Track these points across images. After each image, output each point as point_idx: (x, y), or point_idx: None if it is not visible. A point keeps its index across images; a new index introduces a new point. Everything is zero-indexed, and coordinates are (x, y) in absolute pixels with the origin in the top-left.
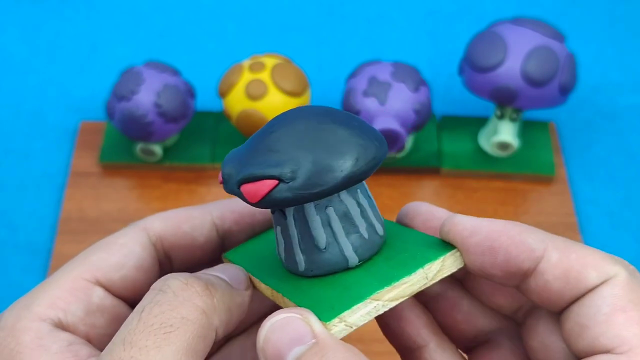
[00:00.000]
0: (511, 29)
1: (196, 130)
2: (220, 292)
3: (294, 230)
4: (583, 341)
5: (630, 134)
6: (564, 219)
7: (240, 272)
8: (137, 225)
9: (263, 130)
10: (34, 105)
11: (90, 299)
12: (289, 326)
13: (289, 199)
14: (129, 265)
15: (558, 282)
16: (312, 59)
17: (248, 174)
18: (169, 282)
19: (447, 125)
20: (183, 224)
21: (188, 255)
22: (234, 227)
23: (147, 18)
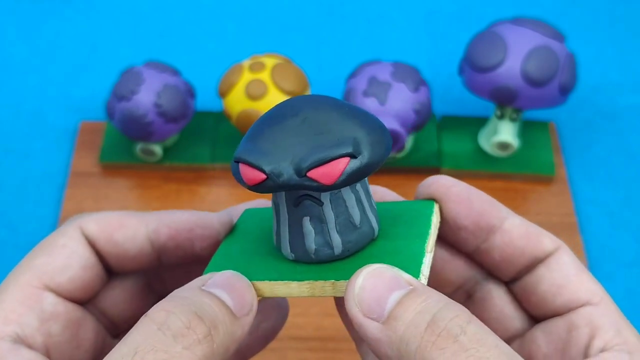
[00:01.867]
0: (511, 29)
1: (196, 130)
2: (222, 334)
3: (331, 214)
4: (562, 298)
5: (630, 134)
6: (564, 219)
7: (248, 291)
8: (74, 223)
9: (283, 116)
10: (34, 105)
11: (42, 306)
12: (384, 274)
13: (361, 173)
14: (74, 266)
15: (521, 240)
16: (312, 59)
17: (318, 159)
18: (170, 322)
19: (447, 125)
20: (115, 232)
21: (120, 264)
22: (169, 242)
23: (147, 18)
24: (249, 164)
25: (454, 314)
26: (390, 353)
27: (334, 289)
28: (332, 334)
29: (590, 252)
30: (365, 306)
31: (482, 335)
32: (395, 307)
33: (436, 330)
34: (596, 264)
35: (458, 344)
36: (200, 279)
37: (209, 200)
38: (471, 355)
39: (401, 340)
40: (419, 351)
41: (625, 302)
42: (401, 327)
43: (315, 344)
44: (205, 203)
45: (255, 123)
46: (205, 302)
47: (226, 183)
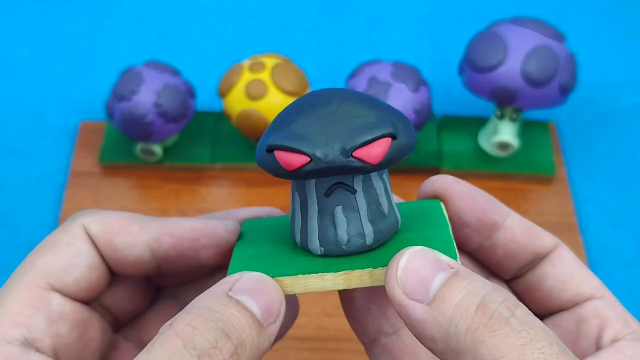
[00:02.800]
0: (511, 29)
1: (196, 130)
2: (249, 350)
3: (363, 202)
4: (567, 292)
5: (631, 134)
6: (564, 219)
7: (277, 296)
8: (77, 220)
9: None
10: (34, 105)
11: (49, 307)
12: (428, 256)
13: (401, 153)
14: (80, 265)
15: (523, 236)
16: (312, 59)
17: (364, 138)
18: (196, 340)
19: (447, 125)
20: (116, 237)
21: (120, 268)
22: (171, 252)
23: (147, 18)
24: (290, 148)
25: (503, 297)
26: (436, 335)
27: (371, 277)
28: (332, 334)
29: (590, 251)
30: (410, 287)
31: (530, 318)
32: (441, 288)
33: (487, 313)
34: (596, 264)
35: (509, 327)
36: (226, 282)
37: (209, 200)
38: (522, 337)
39: (449, 322)
40: (470, 333)
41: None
42: (449, 309)
43: (315, 344)
44: (205, 203)
45: (281, 114)
46: (233, 314)
47: (226, 183)
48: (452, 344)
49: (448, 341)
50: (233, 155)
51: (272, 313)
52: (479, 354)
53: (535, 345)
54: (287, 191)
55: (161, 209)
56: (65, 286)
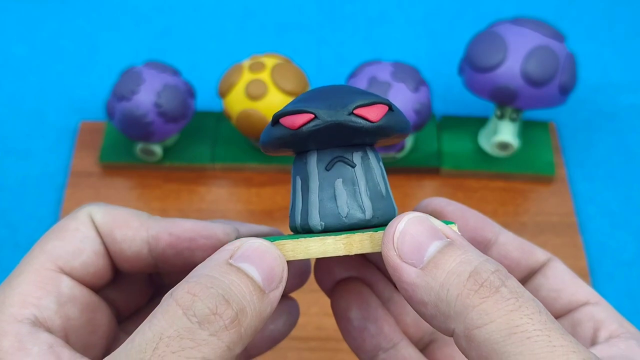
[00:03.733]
0: (511, 29)
1: (196, 130)
2: (250, 316)
3: (362, 176)
4: (562, 300)
5: (630, 134)
6: (564, 219)
7: (278, 262)
8: (84, 209)
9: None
10: (34, 105)
11: (59, 289)
12: (425, 223)
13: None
14: (87, 250)
15: (516, 252)
16: (312, 59)
17: (364, 101)
18: (196, 307)
19: (447, 125)
20: (116, 230)
21: (117, 261)
22: (168, 250)
23: (147, 18)
24: (295, 111)
25: (495, 267)
26: (427, 299)
27: (371, 241)
28: (332, 333)
29: (590, 251)
30: (405, 251)
31: (520, 289)
32: (435, 255)
33: (479, 280)
34: (596, 264)
35: (499, 294)
36: (226, 249)
37: (209, 200)
38: (511, 304)
39: (441, 287)
40: (460, 298)
41: (625, 302)
42: (442, 275)
43: (315, 343)
44: (205, 203)
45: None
46: (233, 281)
47: (226, 183)
48: (442, 308)
49: (438, 305)
50: (233, 155)
51: (274, 279)
52: (468, 318)
53: (524, 311)
54: (287, 191)
55: (161, 209)
56: (74, 269)
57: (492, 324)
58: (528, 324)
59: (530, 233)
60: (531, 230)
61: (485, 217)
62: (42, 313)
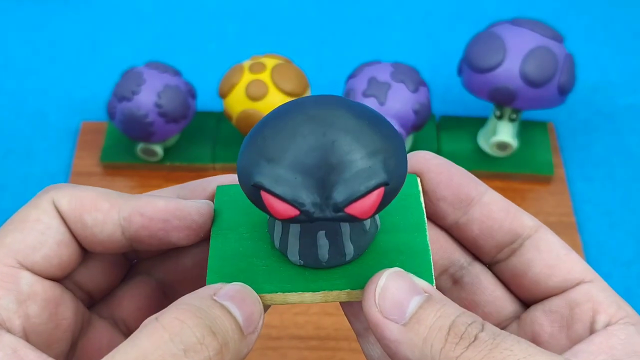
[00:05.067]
0: (510, 30)
1: (197, 131)
2: (232, 351)
3: (347, 227)
4: (556, 278)
5: (629, 134)
6: (563, 219)
7: (257, 308)
8: (47, 195)
9: (307, 133)
10: (35, 106)
11: (18, 287)
12: (405, 278)
13: (390, 199)
14: (49, 242)
15: (500, 213)
16: (312, 59)
17: (355, 195)
18: (183, 334)
19: (446, 125)
20: (86, 214)
21: (89, 245)
22: (141, 231)
23: (148, 19)
24: (279, 197)
25: (472, 319)
26: (411, 355)
27: (348, 296)
28: (332, 333)
29: (589, 251)
30: (387, 307)
31: (497, 330)
32: (417, 310)
33: (458, 333)
34: (595, 264)
35: (478, 340)
36: (210, 287)
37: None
38: (489, 344)
39: (425, 342)
40: (444, 351)
41: None
42: (424, 330)
43: (315, 343)
44: None
45: (267, 129)
46: (218, 315)
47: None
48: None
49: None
50: (233, 155)
51: (252, 323)
52: None
53: (503, 345)
54: None
55: None
56: (35, 264)
57: None
58: (510, 356)
59: None
60: None
61: (471, 175)
62: (0, 314)
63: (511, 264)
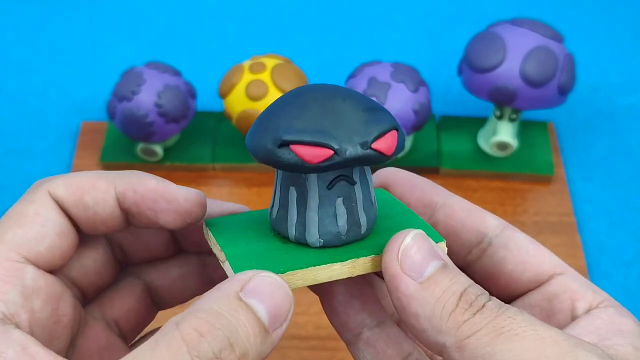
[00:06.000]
0: (510, 30)
1: (197, 131)
2: (251, 358)
3: (360, 193)
4: (529, 273)
5: (629, 134)
6: (563, 219)
7: (287, 300)
8: (41, 188)
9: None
10: (35, 106)
11: (23, 282)
12: (427, 241)
13: (403, 143)
14: (50, 234)
15: (462, 212)
16: (312, 59)
17: (379, 132)
18: (201, 348)
19: (446, 125)
20: (85, 195)
21: (91, 227)
22: (133, 208)
23: (148, 19)
24: (314, 143)
25: (481, 291)
26: (421, 312)
27: (373, 264)
28: (332, 333)
29: (589, 251)
30: (408, 264)
31: (502, 303)
32: (435, 272)
33: (469, 300)
34: (595, 264)
35: (485, 308)
36: (238, 279)
37: None
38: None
39: (437, 302)
40: (453, 314)
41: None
42: (439, 292)
43: (315, 342)
44: None
45: (277, 108)
46: (240, 320)
47: (226, 183)
48: (435, 322)
49: (432, 320)
50: (233, 155)
51: (280, 318)
52: (459, 330)
53: (507, 314)
54: None
55: None
56: (39, 256)
57: (481, 330)
58: (512, 323)
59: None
60: (530, 230)
61: (435, 184)
62: (9, 309)
63: (483, 265)
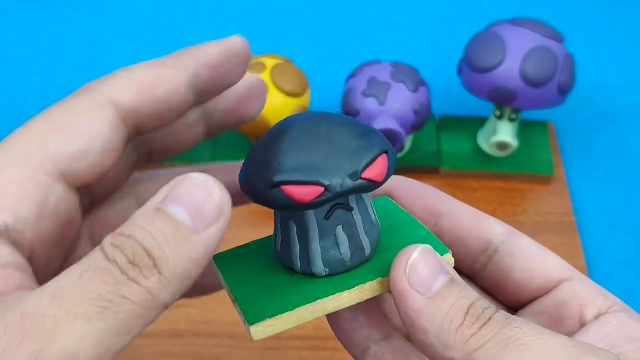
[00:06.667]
0: (510, 30)
1: None
2: (172, 261)
3: (359, 217)
4: (537, 280)
5: (629, 134)
6: (563, 219)
7: (212, 195)
8: (100, 96)
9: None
10: (35, 106)
11: (46, 200)
12: (435, 256)
13: (394, 166)
14: (96, 151)
15: (468, 221)
16: (312, 59)
17: (368, 160)
18: (116, 256)
19: (446, 125)
20: (157, 90)
21: (158, 123)
22: (209, 81)
23: (148, 19)
24: (301, 182)
25: (488, 304)
26: (430, 327)
27: (381, 286)
28: (332, 333)
29: (589, 251)
30: (416, 279)
31: (508, 314)
32: (443, 287)
33: (476, 314)
34: (595, 264)
35: (492, 321)
36: (162, 191)
37: None
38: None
39: (445, 317)
40: (461, 329)
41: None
42: (447, 307)
43: (315, 343)
44: None
45: (264, 145)
46: (156, 227)
47: None
48: (443, 338)
49: (440, 335)
50: (233, 155)
51: (205, 215)
52: (467, 344)
53: (513, 324)
54: None
55: None
56: (76, 173)
57: (488, 343)
58: (519, 334)
59: (529, 233)
60: (530, 230)
61: (440, 192)
62: (16, 224)
63: (491, 273)
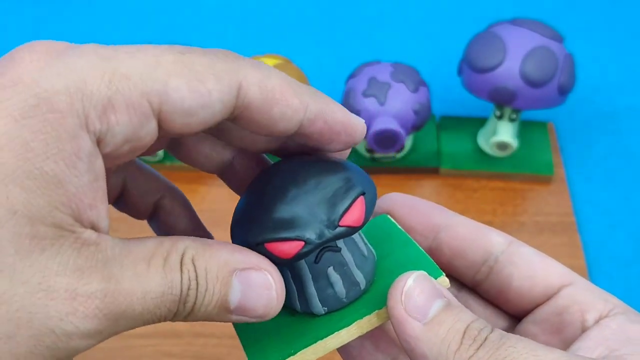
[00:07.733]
0: (510, 30)
1: None
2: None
3: (348, 255)
4: (538, 287)
5: (629, 134)
6: (563, 219)
7: (263, 303)
8: (235, 74)
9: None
10: None
11: (138, 129)
12: (429, 281)
13: (373, 205)
14: (214, 109)
15: (468, 233)
16: (312, 59)
17: (344, 208)
18: None
19: (446, 125)
20: (275, 107)
21: (263, 129)
22: (315, 135)
23: (148, 19)
24: (282, 239)
25: (483, 325)
26: (428, 353)
27: (378, 318)
28: None
29: (589, 251)
30: (411, 307)
31: (504, 333)
32: (438, 313)
33: (472, 336)
34: (595, 264)
35: (488, 342)
36: (234, 262)
37: (209, 200)
38: (496, 344)
39: (442, 342)
40: (459, 352)
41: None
42: (444, 332)
43: None
44: (205, 203)
45: (250, 202)
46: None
47: None
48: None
49: (438, 359)
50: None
51: (248, 312)
52: None
53: (507, 343)
54: None
55: None
56: (170, 121)
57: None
58: (514, 352)
59: (529, 233)
60: (530, 230)
61: (438, 206)
62: (106, 137)
63: (492, 283)
